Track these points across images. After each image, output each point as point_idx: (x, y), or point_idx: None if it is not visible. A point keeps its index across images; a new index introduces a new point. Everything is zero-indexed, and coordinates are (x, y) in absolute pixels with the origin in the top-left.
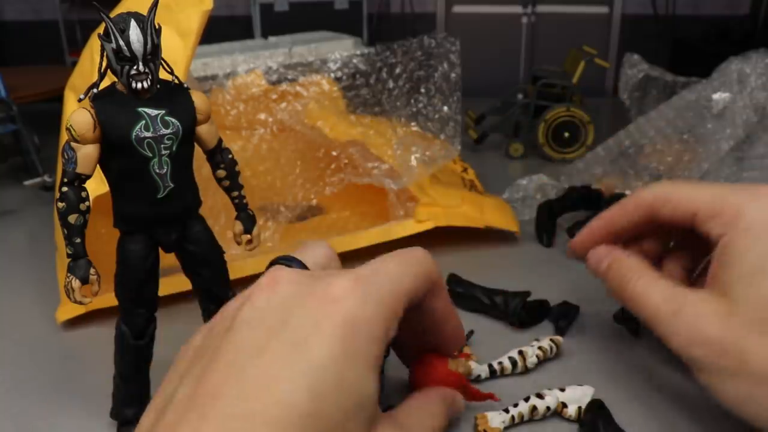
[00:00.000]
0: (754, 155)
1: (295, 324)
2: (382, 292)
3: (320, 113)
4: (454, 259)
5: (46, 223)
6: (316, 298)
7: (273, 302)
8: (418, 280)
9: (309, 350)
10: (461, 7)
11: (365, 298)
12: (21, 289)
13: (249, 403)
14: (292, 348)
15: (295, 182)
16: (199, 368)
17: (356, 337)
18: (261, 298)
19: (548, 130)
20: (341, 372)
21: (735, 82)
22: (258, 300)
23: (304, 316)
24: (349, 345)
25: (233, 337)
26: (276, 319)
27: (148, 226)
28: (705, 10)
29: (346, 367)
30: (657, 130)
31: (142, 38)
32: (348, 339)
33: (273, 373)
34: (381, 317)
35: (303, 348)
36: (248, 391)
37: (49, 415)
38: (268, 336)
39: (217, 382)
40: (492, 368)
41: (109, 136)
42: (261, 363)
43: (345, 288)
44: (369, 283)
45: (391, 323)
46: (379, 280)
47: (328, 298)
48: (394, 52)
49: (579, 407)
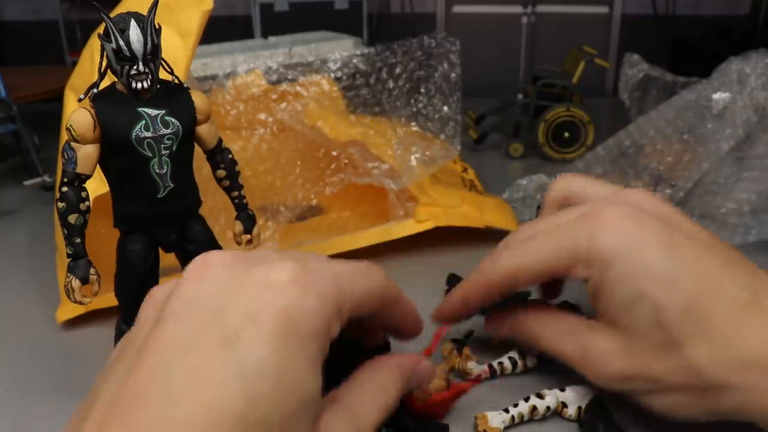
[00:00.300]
0: (754, 155)
1: (228, 316)
2: (326, 286)
3: (320, 113)
4: (454, 259)
5: (46, 223)
6: (252, 286)
7: (202, 291)
8: (369, 292)
9: (243, 346)
10: (461, 7)
11: (307, 287)
12: (21, 289)
13: (176, 408)
14: (223, 344)
15: (295, 182)
16: (124, 366)
17: (296, 330)
18: (188, 286)
19: (548, 130)
20: (280, 370)
21: (735, 82)
22: (186, 288)
23: (237, 306)
24: (288, 339)
25: (159, 332)
26: (206, 311)
27: (148, 226)
28: (705, 10)
29: (285, 364)
30: (657, 130)
31: (142, 38)
32: (287, 333)
33: (202, 374)
34: (323, 310)
35: (236, 343)
36: (175, 394)
37: (49, 415)
38: (197, 330)
39: (142, 382)
40: (492, 368)
41: (109, 136)
42: (189, 361)
43: (286, 274)
44: (313, 273)
45: (333, 320)
46: (324, 273)
47: (266, 284)
48: (394, 52)
49: (579, 407)
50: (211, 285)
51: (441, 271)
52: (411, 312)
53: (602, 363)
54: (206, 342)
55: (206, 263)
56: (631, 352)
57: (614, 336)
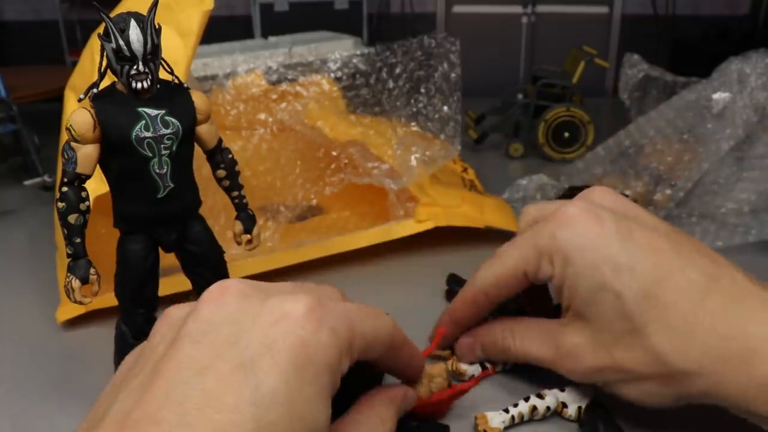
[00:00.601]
0: (754, 155)
1: (244, 343)
2: (340, 322)
3: (320, 113)
4: (454, 259)
5: (46, 223)
6: (269, 315)
7: (220, 316)
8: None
9: (258, 373)
10: (461, 7)
11: (322, 321)
12: (21, 289)
13: (188, 430)
14: (239, 369)
15: (295, 182)
16: (138, 383)
17: (311, 361)
18: (206, 310)
19: (548, 130)
20: (292, 400)
21: (735, 82)
22: (204, 312)
23: (254, 334)
24: (303, 370)
25: (175, 352)
26: (222, 336)
27: (148, 226)
28: (705, 10)
29: (297, 394)
30: (657, 130)
31: (142, 38)
32: (302, 363)
33: (216, 397)
34: (336, 344)
35: (251, 370)
36: (189, 417)
37: (49, 415)
38: (213, 354)
39: (156, 402)
40: (483, 366)
41: (109, 136)
42: (204, 385)
43: (302, 307)
44: (327, 308)
45: (344, 356)
46: (339, 311)
47: (282, 315)
48: (394, 52)
49: (579, 407)
50: (228, 311)
51: (441, 271)
52: (415, 356)
53: (574, 358)
54: (222, 366)
55: (224, 290)
56: (599, 344)
57: (583, 330)
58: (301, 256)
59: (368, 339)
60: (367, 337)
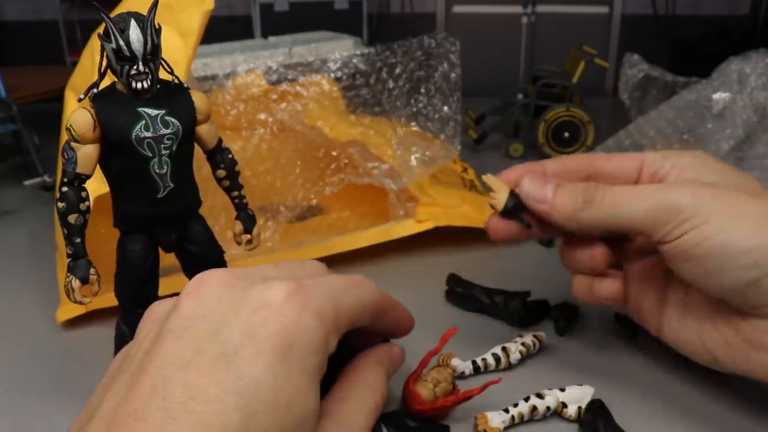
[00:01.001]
0: (754, 155)
1: (225, 334)
2: (322, 302)
3: (320, 113)
4: (454, 259)
5: (46, 223)
6: (249, 304)
7: (200, 309)
8: (363, 306)
9: (240, 363)
10: (461, 7)
11: (304, 304)
12: (21, 289)
13: (173, 424)
14: (220, 361)
15: (295, 182)
16: (124, 381)
17: (294, 348)
18: (187, 304)
19: (548, 130)
20: (277, 387)
21: (735, 82)
22: (184, 307)
23: (235, 324)
24: (286, 357)
25: (158, 349)
26: (204, 329)
27: (148, 226)
28: (705, 10)
29: (282, 381)
30: (657, 130)
31: (142, 38)
32: (285, 350)
33: (199, 390)
34: (320, 326)
35: (233, 361)
36: (173, 411)
37: (49, 415)
38: (195, 348)
39: (141, 399)
40: (476, 365)
41: (109, 136)
42: (186, 379)
43: (283, 292)
44: (309, 290)
45: (330, 335)
46: (320, 290)
47: (263, 303)
48: (394, 52)
49: (579, 407)
50: (208, 303)
51: (441, 271)
52: (403, 314)
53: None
54: (204, 359)
55: (203, 282)
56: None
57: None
58: (301, 256)
59: (355, 311)
60: (353, 309)
